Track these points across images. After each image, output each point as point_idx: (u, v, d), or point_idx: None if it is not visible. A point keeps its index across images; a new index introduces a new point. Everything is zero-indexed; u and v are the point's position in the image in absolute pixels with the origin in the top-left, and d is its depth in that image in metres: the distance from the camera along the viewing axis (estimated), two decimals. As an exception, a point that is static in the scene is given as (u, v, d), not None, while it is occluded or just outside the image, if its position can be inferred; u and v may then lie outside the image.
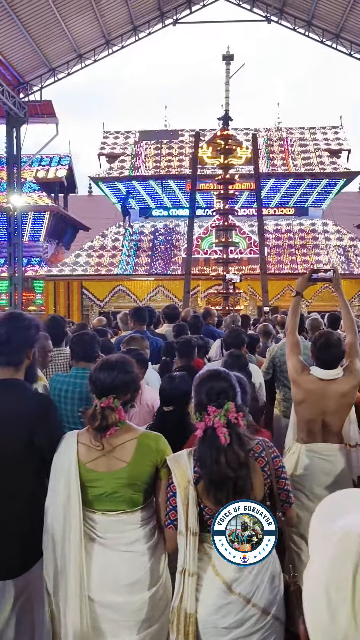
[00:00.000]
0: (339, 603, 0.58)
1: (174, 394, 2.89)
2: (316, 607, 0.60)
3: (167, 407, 2.91)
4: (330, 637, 0.58)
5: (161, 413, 2.95)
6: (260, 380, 4.35)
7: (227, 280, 13.93)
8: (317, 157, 20.34)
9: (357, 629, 0.56)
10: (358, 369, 3.00)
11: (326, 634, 0.58)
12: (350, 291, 18.44)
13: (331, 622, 0.58)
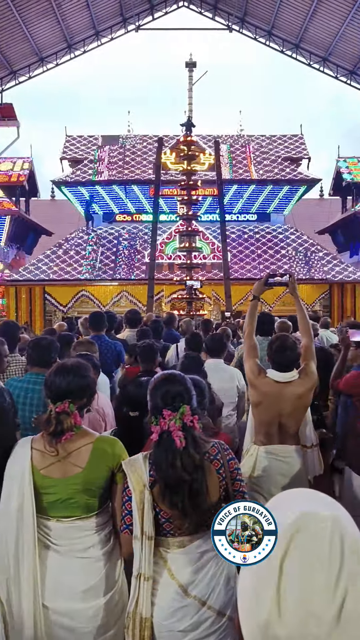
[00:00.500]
0: (264, 588, 0.59)
1: (141, 399, 2.89)
2: (245, 593, 0.62)
3: (134, 413, 2.90)
4: (255, 622, 0.59)
5: (127, 418, 2.93)
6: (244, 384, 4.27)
7: (189, 287, 14.01)
8: (278, 164, 20.71)
9: (280, 614, 0.57)
10: (313, 372, 3.06)
11: (252, 618, 0.60)
12: (311, 296, 18.81)
13: (256, 607, 0.59)
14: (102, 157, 21.54)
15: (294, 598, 0.57)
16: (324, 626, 0.56)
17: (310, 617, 0.56)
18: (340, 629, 0.56)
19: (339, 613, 0.56)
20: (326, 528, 0.61)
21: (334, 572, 0.58)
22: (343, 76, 18.71)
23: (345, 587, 0.57)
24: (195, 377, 2.53)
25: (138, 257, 19.06)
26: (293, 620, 0.56)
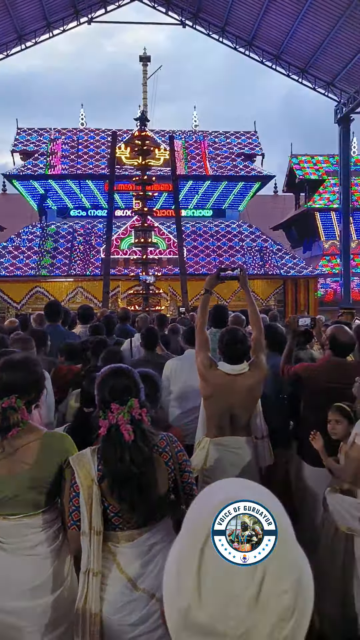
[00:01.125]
0: (186, 573, 0.60)
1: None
2: (168, 579, 0.62)
3: (88, 409, 2.87)
4: (177, 607, 0.59)
5: (82, 414, 2.90)
6: None
7: (142, 281, 13.98)
8: (232, 160, 20.91)
9: (200, 599, 0.58)
10: (264, 364, 3.11)
11: (174, 603, 0.60)
12: (266, 291, 19.14)
13: (178, 592, 0.60)
14: (55, 151, 21.17)
15: (214, 580, 0.58)
16: (243, 607, 0.57)
17: (230, 599, 0.57)
18: (259, 609, 0.57)
19: (258, 593, 0.58)
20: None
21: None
22: (295, 74, 18.99)
23: (264, 568, 0.60)
24: (147, 370, 2.53)
25: (93, 253, 18.86)
26: (213, 603, 0.57)
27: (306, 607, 0.62)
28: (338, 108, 18.87)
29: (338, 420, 2.97)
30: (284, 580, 0.60)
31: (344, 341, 3.27)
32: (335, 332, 3.31)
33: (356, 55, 16.82)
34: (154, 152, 14.93)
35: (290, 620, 0.59)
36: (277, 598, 0.58)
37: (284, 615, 0.58)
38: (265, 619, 0.57)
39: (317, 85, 19.09)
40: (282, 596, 0.59)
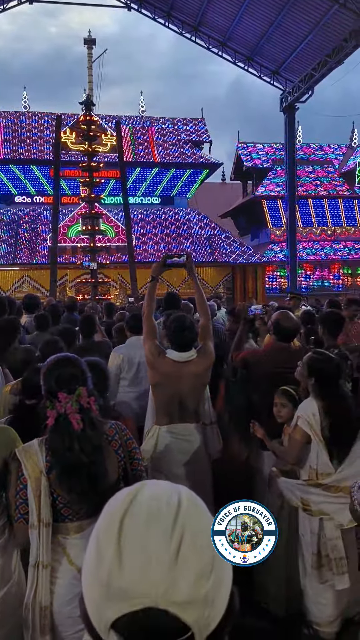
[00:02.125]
0: (106, 546, 0.61)
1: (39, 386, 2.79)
2: (88, 556, 0.64)
3: (30, 401, 2.79)
4: (97, 580, 0.61)
5: (24, 407, 2.82)
6: None
7: (85, 267, 13.80)
8: (180, 147, 20.84)
9: (120, 567, 0.59)
10: (211, 351, 3.14)
11: (94, 577, 0.61)
12: (215, 278, 19.31)
13: (98, 564, 0.61)
14: (-3, 135, 20.45)
15: (133, 545, 0.61)
16: (163, 566, 0.59)
17: (150, 560, 0.60)
18: (179, 567, 0.60)
19: (177, 552, 0.61)
20: (166, 486, 0.69)
21: (171, 519, 0.62)
22: (241, 62, 19.07)
23: (183, 526, 0.62)
24: (94, 358, 2.50)
25: (40, 241, 18.42)
26: (133, 566, 0.59)
27: (225, 564, 0.67)
28: (283, 97, 19.11)
29: (283, 403, 3.04)
30: (201, 537, 0.64)
31: (287, 326, 3.34)
32: (278, 317, 3.37)
33: (300, 45, 17.05)
34: (100, 137, 14.66)
35: (209, 577, 0.62)
36: (195, 555, 0.61)
37: (204, 572, 0.62)
38: (184, 576, 0.60)
39: (263, 74, 19.25)
40: (200, 553, 0.62)
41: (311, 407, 2.80)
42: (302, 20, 16.12)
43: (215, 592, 0.62)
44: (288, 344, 3.40)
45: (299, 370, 2.96)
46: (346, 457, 2.82)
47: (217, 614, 0.62)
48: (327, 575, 2.75)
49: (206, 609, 0.61)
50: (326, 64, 16.31)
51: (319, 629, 2.79)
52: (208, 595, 0.61)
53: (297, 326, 3.47)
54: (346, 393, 2.82)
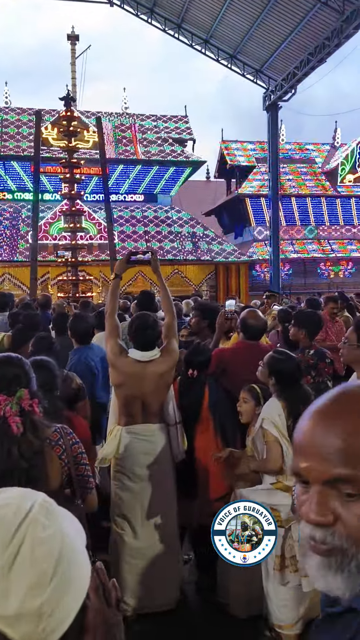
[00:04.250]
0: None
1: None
2: None
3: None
4: None
5: None
6: None
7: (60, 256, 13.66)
8: (164, 145, 20.74)
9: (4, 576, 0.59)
10: (175, 349, 3.08)
11: None
12: (198, 276, 19.28)
13: None
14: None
15: None
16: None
17: None
18: (9, 581, 0.59)
19: (10, 566, 0.59)
20: (21, 493, 0.68)
21: (13, 528, 0.61)
22: (224, 60, 19.02)
23: (21, 540, 0.61)
24: (42, 358, 2.42)
25: (20, 238, 18.22)
26: None
27: (75, 570, 0.64)
28: (266, 95, 19.09)
29: (245, 398, 2.99)
30: (42, 546, 0.62)
31: (254, 324, 3.30)
32: (245, 316, 3.34)
33: (283, 43, 17.04)
34: (82, 133, 14.50)
35: (47, 587, 0.60)
36: (31, 565, 0.60)
37: (40, 582, 0.59)
38: (15, 587, 0.58)
39: (246, 72, 19.20)
40: (38, 562, 0.60)
41: (276, 408, 2.76)
42: (285, 18, 16.11)
43: (56, 603, 0.60)
44: (256, 342, 3.35)
45: (261, 370, 2.92)
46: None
47: (58, 625, 0.60)
48: (289, 577, 2.71)
49: (41, 622, 0.58)
50: (309, 62, 16.31)
51: (281, 631, 2.75)
52: (44, 607, 0.59)
53: (265, 324, 3.43)
54: (307, 392, 2.78)
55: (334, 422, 0.68)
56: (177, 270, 18.75)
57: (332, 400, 0.72)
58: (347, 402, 0.70)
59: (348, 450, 0.65)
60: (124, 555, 2.95)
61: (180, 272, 18.79)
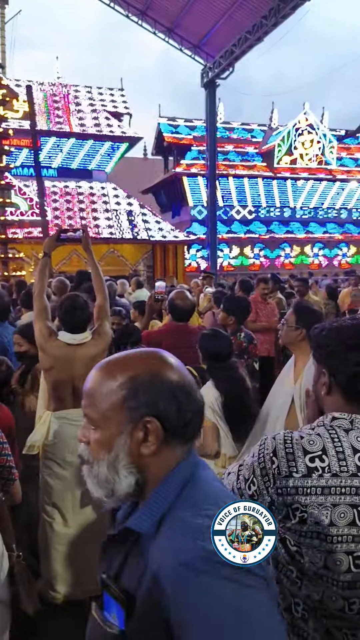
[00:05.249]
0: None
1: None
2: None
3: None
4: None
5: None
6: None
7: None
8: (99, 118, 20.13)
9: None
10: (107, 332, 2.97)
11: None
12: (135, 255, 19.03)
13: None
14: None
15: None
16: None
17: None
18: None
19: None
20: None
21: None
22: (162, 32, 18.60)
23: None
24: None
25: None
26: None
27: None
28: (204, 72, 18.89)
29: None
30: None
31: (181, 306, 3.26)
32: (173, 297, 3.28)
33: (221, 19, 16.86)
34: (11, 102, 13.74)
35: None
36: None
37: None
38: None
39: (184, 47, 18.89)
40: None
41: (212, 392, 2.73)
42: (223, -6, 15.92)
43: None
44: (184, 323, 3.31)
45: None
46: (247, 437, 2.79)
47: None
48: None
49: None
50: (246, 40, 16.23)
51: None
52: None
53: (193, 305, 3.40)
54: (241, 375, 2.77)
55: (90, 376, 1.00)
56: (112, 250, 18.39)
57: (100, 363, 1.03)
58: (103, 363, 1.02)
59: (89, 396, 0.98)
60: (53, 543, 2.85)
61: (116, 251, 18.45)
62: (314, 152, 24.10)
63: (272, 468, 1.25)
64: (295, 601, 1.28)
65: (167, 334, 3.23)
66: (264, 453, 1.29)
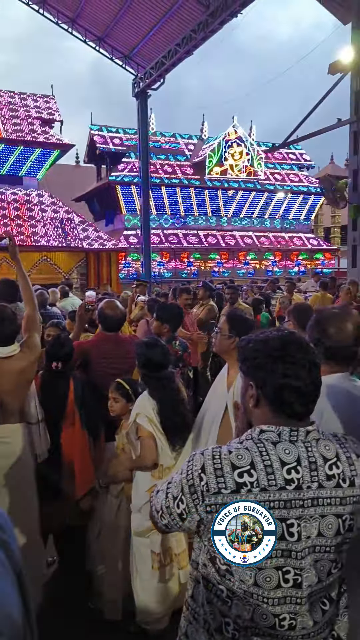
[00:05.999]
0: None
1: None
2: None
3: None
4: None
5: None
6: None
7: None
8: (29, 124, 19.70)
9: None
10: (36, 344, 2.88)
11: None
12: (68, 264, 18.71)
13: None
14: None
15: None
16: None
17: None
18: None
19: None
20: None
21: None
22: (92, 41, 18.50)
23: None
24: None
25: None
26: None
27: None
28: (136, 82, 18.95)
29: (116, 398, 2.90)
30: None
31: (111, 315, 3.23)
32: (103, 306, 3.25)
33: (151, 31, 17.00)
34: None
35: None
36: None
37: None
38: None
39: (115, 56, 18.88)
40: None
41: (150, 402, 2.70)
42: (152, 6, 16.06)
43: None
44: (114, 333, 3.27)
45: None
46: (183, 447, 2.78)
47: None
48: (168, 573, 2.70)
49: None
50: (176, 53, 16.44)
51: (147, 627, 2.72)
52: None
53: (123, 315, 3.37)
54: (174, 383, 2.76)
55: None
56: (45, 257, 17.99)
57: None
58: None
59: None
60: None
61: (49, 259, 18.06)
62: (244, 164, 24.77)
63: (200, 485, 1.22)
64: (225, 621, 1.26)
65: (98, 345, 3.18)
66: (192, 470, 1.26)
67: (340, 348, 1.87)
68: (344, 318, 1.88)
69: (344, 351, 1.88)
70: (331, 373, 1.86)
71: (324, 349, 1.86)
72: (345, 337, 1.87)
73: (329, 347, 1.86)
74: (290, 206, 26.37)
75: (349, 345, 1.88)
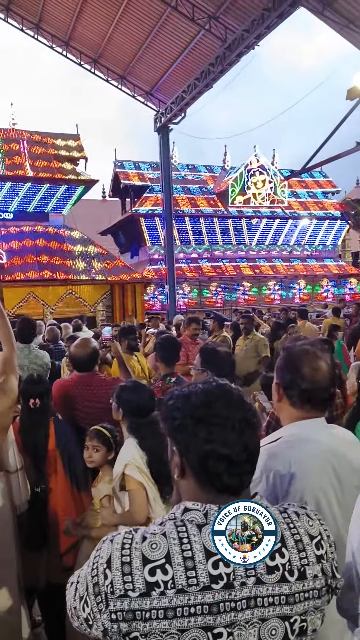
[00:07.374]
0: None
1: None
2: None
3: None
4: None
5: None
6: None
7: None
8: (55, 162, 20.21)
9: None
10: (13, 388, 2.73)
11: None
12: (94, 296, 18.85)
13: None
14: None
15: None
16: None
17: None
18: None
19: None
20: None
21: None
22: (114, 80, 19.02)
23: None
24: None
25: None
26: None
27: None
28: (157, 117, 19.31)
29: (96, 447, 2.72)
30: None
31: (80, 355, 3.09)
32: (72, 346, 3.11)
33: (170, 67, 17.36)
34: None
35: None
36: None
37: None
38: None
39: (137, 93, 19.34)
40: None
41: (136, 450, 2.52)
42: (171, 43, 16.44)
43: None
44: (88, 373, 3.12)
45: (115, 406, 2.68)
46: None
47: None
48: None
49: None
50: (196, 87, 16.71)
51: None
52: None
53: (92, 353, 3.21)
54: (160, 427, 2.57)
55: None
56: (70, 291, 18.17)
57: None
58: None
59: None
60: None
61: (74, 292, 18.23)
62: (267, 192, 24.73)
63: (105, 585, 0.97)
64: None
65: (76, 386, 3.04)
66: (97, 563, 1.00)
67: (317, 390, 1.65)
68: (316, 355, 1.65)
69: (321, 393, 1.66)
70: (305, 419, 1.64)
71: (298, 392, 1.64)
72: (321, 377, 1.65)
73: (305, 390, 1.64)
74: (315, 232, 26.10)
75: (326, 386, 1.66)
